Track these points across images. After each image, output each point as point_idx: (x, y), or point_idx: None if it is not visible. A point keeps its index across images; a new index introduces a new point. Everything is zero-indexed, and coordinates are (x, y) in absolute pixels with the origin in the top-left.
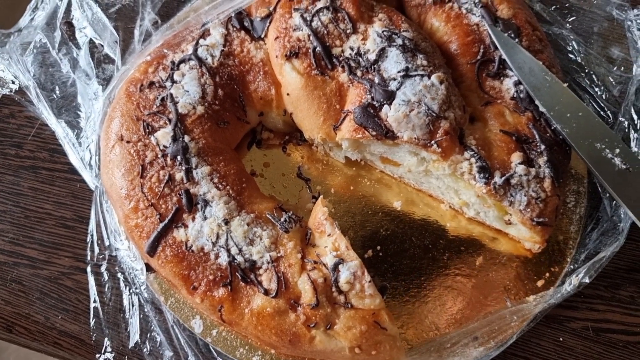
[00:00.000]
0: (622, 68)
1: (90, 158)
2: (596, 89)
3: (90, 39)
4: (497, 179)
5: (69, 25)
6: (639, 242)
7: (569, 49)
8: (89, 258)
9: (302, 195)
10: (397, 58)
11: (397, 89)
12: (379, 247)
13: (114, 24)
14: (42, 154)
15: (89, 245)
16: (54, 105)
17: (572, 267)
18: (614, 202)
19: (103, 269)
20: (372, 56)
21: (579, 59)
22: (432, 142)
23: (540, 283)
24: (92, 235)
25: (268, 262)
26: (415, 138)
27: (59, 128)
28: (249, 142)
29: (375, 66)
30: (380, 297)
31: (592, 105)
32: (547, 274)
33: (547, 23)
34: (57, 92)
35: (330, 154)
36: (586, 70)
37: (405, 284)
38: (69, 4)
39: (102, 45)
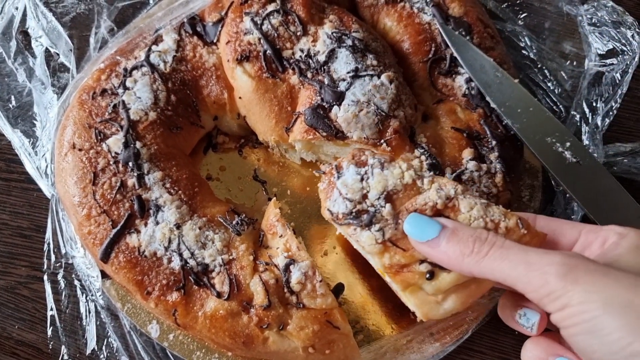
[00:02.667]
0: (574, 62)
1: (47, 167)
2: (549, 84)
3: (46, 48)
4: (448, 175)
5: (25, 34)
6: None
7: (522, 45)
8: (45, 266)
9: (259, 198)
10: (347, 59)
11: (347, 90)
12: (334, 247)
13: (69, 32)
14: None
15: (45, 253)
16: (10, 114)
17: None
18: (567, 195)
19: (60, 277)
20: (322, 57)
21: (531, 55)
22: (382, 141)
23: None
24: (48, 244)
25: (220, 265)
26: (364, 138)
27: (15, 137)
28: (204, 147)
29: (325, 67)
30: (332, 296)
31: (545, 100)
32: None
33: (500, 20)
34: (13, 101)
35: (286, 156)
36: (539, 66)
37: (362, 282)
38: (25, 13)
39: (58, 54)
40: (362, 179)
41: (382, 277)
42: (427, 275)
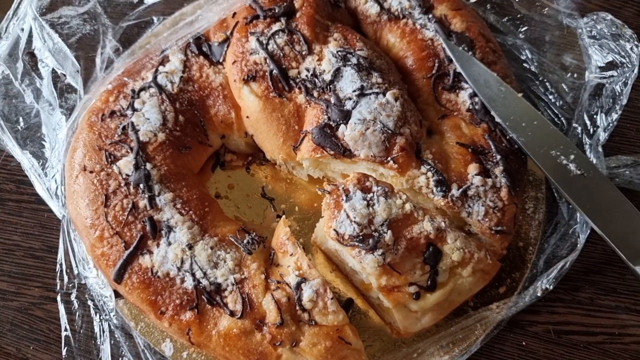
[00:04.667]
0: (575, 75)
1: (57, 188)
2: (550, 97)
3: (53, 69)
4: (455, 191)
5: (31, 55)
6: (597, 245)
7: (523, 58)
8: (58, 287)
9: (267, 215)
10: (352, 77)
11: (353, 108)
12: None
13: (75, 54)
14: (9, 185)
15: (58, 274)
16: (19, 136)
17: (532, 272)
18: (571, 206)
19: (73, 297)
20: (327, 76)
21: (532, 68)
22: (389, 158)
23: (502, 289)
24: (61, 265)
25: (233, 284)
26: (371, 155)
27: (25, 159)
28: (212, 165)
29: (331, 86)
30: (343, 312)
31: (547, 112)
32: (509, 280)
33: (501, 33)
34: (22, 123)
35: (294, 173)
36: (540, 78)
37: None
38: (30, 35)
39: (65, 75)
40: (368, 205)
41: (363, 292)
42: (414, 296)
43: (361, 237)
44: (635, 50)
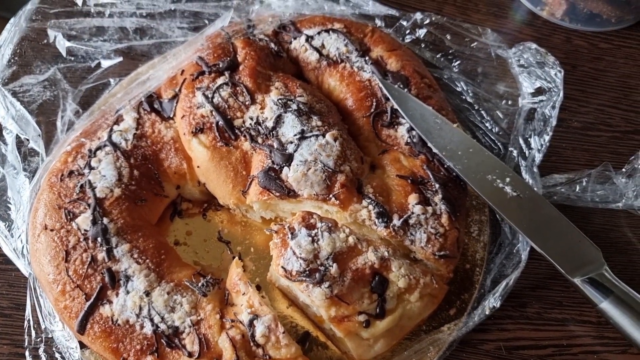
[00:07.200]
0: (509, 101)
1: (22, 247)
2: (487, 124)
3: (17, 135)
4: (396, 221)
5: None
6: (541, 261)
7: (459, 89)
8: (26, 342)
9: (224, 257)
10: (293, 122)
11: (295, 151)
12: None
13: (36, 119)
14: None
15: (26, 330)
16: None
17: (480, 292)
18: (512, 227)
19: (41, 351)
20: (270, 123)
21: (468, 98)
22: (331, 195)
23: (452, 311)
24: (28, 321)
25: (189, 326)
26: (314, 194)
27: None
28: (170, 214)
29: (273, 132)
30: (296, 345)
31: (485, 139)
32: (458, 302)
33: (437, 68)
34: None
35: (248, 215)
36: (476, 108)
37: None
38: None
39: (28, 140)
40: (313, 241)
41: (317, 324)
42: (365, 324)
43: (308, 272)
44: (559, 75)
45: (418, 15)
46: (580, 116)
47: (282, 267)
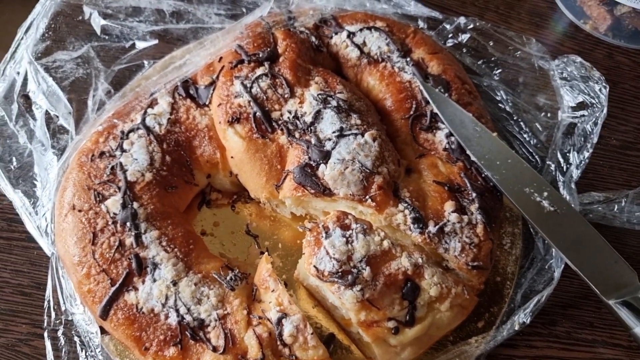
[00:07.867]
0: (549, 114)
1: (47, 226)
2: (525, 135)
3: (46, 111)
4: (431, 228)
5: (26, 98)
6: (573, 279)
7: (498, 98)
8: (45, 324)
9: (251, 252)
10: (332, 119)
11: (333, 149)
12: None
13: (68, 96)
14: (0, 223)
15: (45, 311)
16: (11, 175)
17: (510, 306)
18: (546, 242)
19: (60, 333)
20: (308, 118)
21: (507, 108)
22: (367, 197)
23: (480, 324)
24: (49, 301)
25: (215, 320)
26: (350, 194)
27: (16, 198)
28: (199, 203)
29: (311, 128)
30: (323, 347)
31: (522, 150)
32: (487, 315)
33: (477, 75)
34: (15, 162)
35: (277, 211)
36: (515, 118)
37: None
38: (26, 78)
39: (57, 117)
40: (347, 242)
41: (344, 327)
42: (393, 331)
43: (340, 273)
44: (603, 91)
45: (462, 20)
46: (620, 134)
47: (315, 266)
